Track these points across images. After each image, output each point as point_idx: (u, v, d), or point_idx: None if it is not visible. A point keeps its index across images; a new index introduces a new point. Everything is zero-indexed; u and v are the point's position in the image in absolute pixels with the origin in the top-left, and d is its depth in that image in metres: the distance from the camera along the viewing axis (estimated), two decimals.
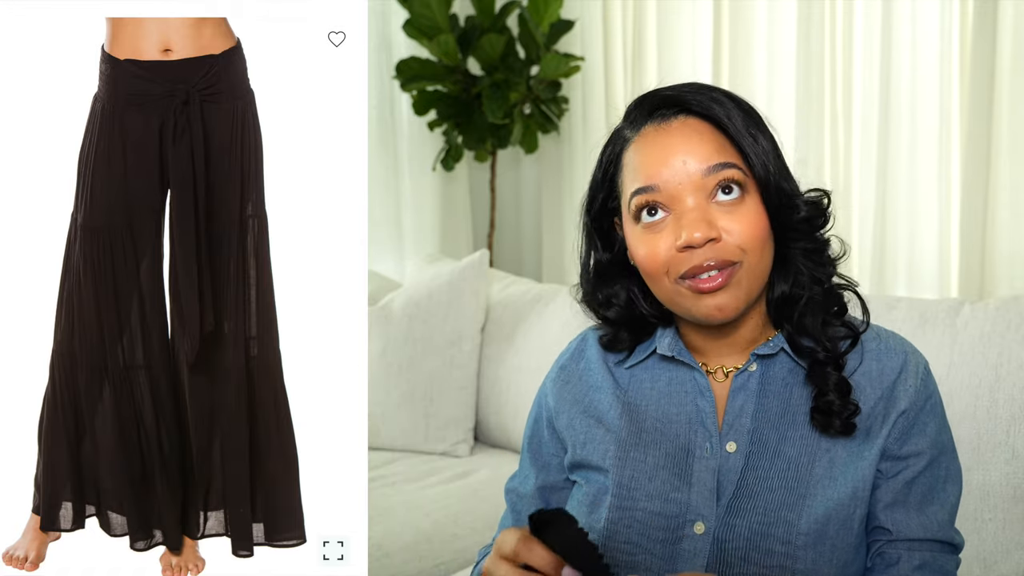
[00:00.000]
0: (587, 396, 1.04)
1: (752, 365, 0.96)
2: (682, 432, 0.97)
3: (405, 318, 2.22)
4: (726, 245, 0.89)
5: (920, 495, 0.94)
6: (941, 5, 2.14)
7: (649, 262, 0.92)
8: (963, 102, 2.14)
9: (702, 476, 0.94)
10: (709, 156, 0.90)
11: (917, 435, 0.94)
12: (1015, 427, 1.45)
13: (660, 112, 0.94)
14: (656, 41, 2.58)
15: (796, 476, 0.92)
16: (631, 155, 0.94)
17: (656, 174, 0.91)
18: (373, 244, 2.81)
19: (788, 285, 0.96)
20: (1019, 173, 2.07)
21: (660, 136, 0.93)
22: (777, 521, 0.90)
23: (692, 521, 0.92)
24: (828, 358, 0.93)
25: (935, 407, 0.96)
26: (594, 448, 1.00)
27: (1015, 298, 1.57)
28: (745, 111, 0.94)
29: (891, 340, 0.98)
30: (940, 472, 0.95)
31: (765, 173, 0.91)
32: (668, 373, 1.01)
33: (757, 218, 0.91)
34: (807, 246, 0.94)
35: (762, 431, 0.94)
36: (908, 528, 0.93)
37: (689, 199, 0.90)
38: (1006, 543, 1.46)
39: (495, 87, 2.48)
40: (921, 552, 0.93)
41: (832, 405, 0.91)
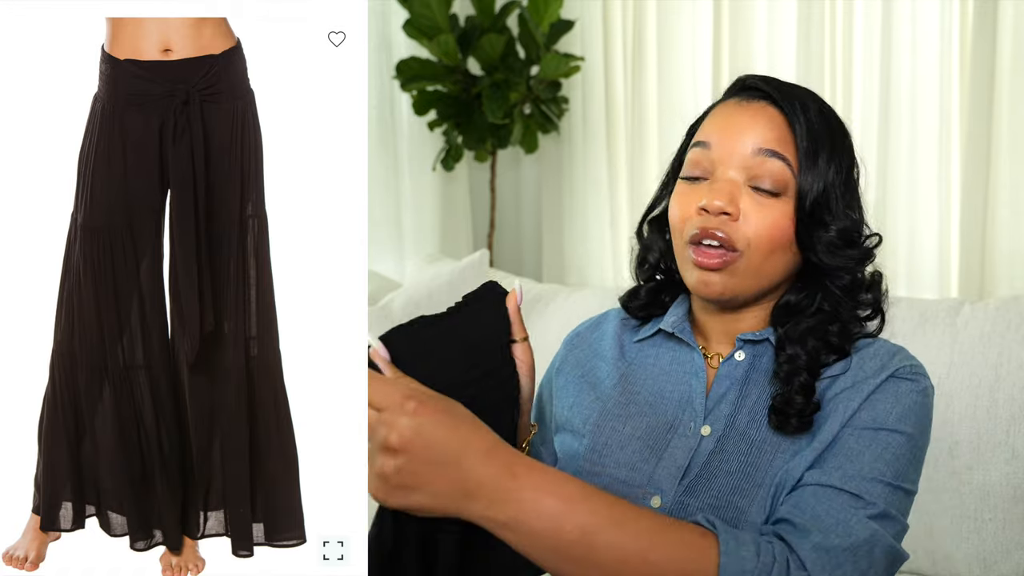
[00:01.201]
0: (590, 362, 1.08)
1: (739, 353, 0.98)
2: (670, 409, 0.98)
3: (405, 318, 2.22)
4: (737, 228, 0.92)
5: (836, 451, 0.88)
6: (941, 5, 2.14)
7: (674, 216, 0.97)
8: (963, 102, 2.14)
9: (674, 453, 0.94)
10: (767, 140, 0.94)
11: (867, 408, 0.90)
12: (1015, 427, 1.45)
13: (748, 92, 0.99)
14: (656, 41, 2.58)
15: (756, 463, 0.91)
16: (709, 116, 1.00)
17: (715, 135, 0.96)
18: (373, 244, 2.81)
19: (800, 297, 0.97)
20: (1019, 173, 2.07)
21: (736, 109, 0.97)
22: (727, 505, 0.90)
23: (651, 494, 0.93)
24: (808, 365, 0.93)
25: (900, 396, 0.91)
26: (579, 411, 1.03)
27: (1015, 298, 1.57)
28: (830, 128, 0.96)
29: (883, 346, 0.97)
30: (871, 443, 0.88)
31: (809, 189, 0.93)
32: (672, 352, 1.03)
33: (778, 222, 0.93)
34: (837, 283, 0.96)
35: (736, 417, 0.95)
36: (808, 476, 0.87)
37: (731, 172, 0.94)
38: (1006, 543, 1.46)
39: (495, 87, 2.48)
40: (804, 493, 0.85)
41: (793, 405, 0.90)
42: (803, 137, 0.94)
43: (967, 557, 1.49)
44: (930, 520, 1.51)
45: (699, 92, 2.51)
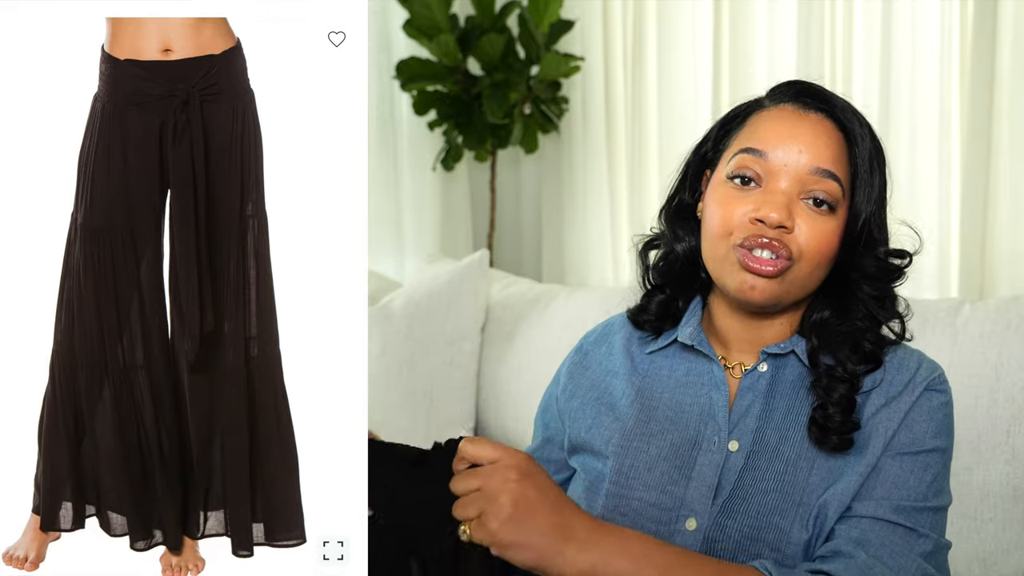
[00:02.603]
0: (603, 381, 1.05)
1: (762, 365, 0.97)
2: (692, 423, 0.97)
3: (405, 318, 2.22)
4: (792, 239, 0.91)
5: (883, 479, 0.90)
6: (941, 5, 2.14)
7: (718, 219, 0.94)
8: (963, 102, 2.14)
9: (703, 471, 0.93)
10: (825, 160, 0.93)
11: (904, 430, 0.91)
12: (1015, 427, 1.45)
13: (805, 100, 0.96)
14: (656, 41, 2.58)
15: (792, 481, 0.91)
16: (760, 119, 0.97)
17: (772, 144, 0.93)
18: (373, 244, 2.81)
19: (832, 313, 0.96)
20: (1019, 173, 2.07)
21: (794, 118, 0.95)
22: (768, 526, 0.89)
23: (685, 516, 0.92)
24: (845, 376, 0.92)
25: (932, 411, 0.93)
26: (599, 433, 1.01)
27: (1015, 298, 1.57)
28: (876, 147, 0.96)
29: (905, 353, 0.96)
30: (912, 467, 0.90)
31: (862, 207, 0.94)
32: (687, 363, 1.01)
33: (830, 238, 0.93)
34: (874, 293, 0.96)
35: (765, 431, 0.94)
36: (860, 507, 0.89)
37: (784, 182, 0.92)
38: (1006, 543, 1.46)
39: (495, 87, 2.47)
40: (862, 527, 0.88)
41: (832, 420, 0.90)
42: (863, 160, 0.94)
43: (967, 557, 1.49)
44: None
45: (699, 92, 2.50)
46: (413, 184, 2.83)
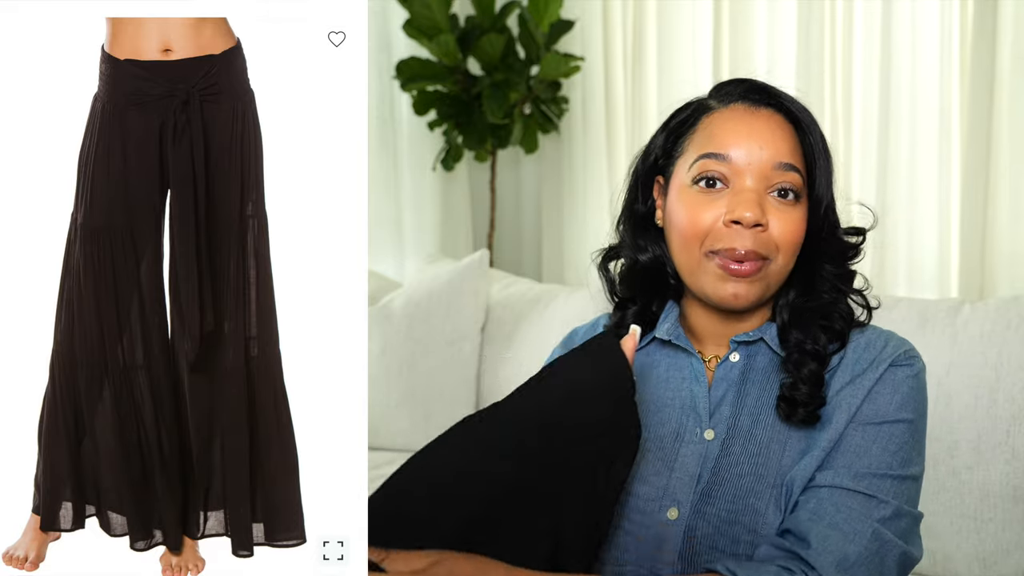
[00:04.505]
0: None
1: (733, 355, 0.98)
2: (674, 417, 0.98)
3: (405, 318, 2.22)
4: (768, 238, 0.93)
5: (844, 449, 0.90)
6: (941, 5, 2.14)
7: (689, 226, 0.95)
8: (963, 102, 2.14)
9: (685, 462, 0.95)
10: (784, 154, 0.94)
11: (868, 402, 0.92)
12: (1015, 427, 1.45)
13: (754, 97, 0.98)
14: (656, 41, 2.58)
15: (766, 463, 0.92)
16: (712, 122, 0.98)
17: (732, 146, 0.94)
18: (373, 244, 2.81)
19: (799, 293, 0.98)
20: (1019, 173, 2.07)
21: (748, 116, 0.96)
22: (745, 509, 0.90)
23: (667, 506, 0.93)
24: (815, 351, 0.94)
25: (897, 384, 0.93)
26: None
27: (1015, 298, 1.57)
28: (822, 136, 0.98)
29: (875, 334, 0.98)
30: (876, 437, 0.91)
31: (823, 193, 0.96)
32: (667, 359, 1.02)
33: (800, 226, 0.95)
34: (836, 271, 0.98)
35: (739, 417, 0.95)
36: (821, 477, 0.89)
37: (749, 180, 0.94)
38: (1006, 543, 1.46)
39: (495, 87, 2.47)
40: (819, 496, 0.88)
41: (799, 393, 0.92)
42: (817, 148, 0.96)
43: (967, 557, 1.49)
44: (930, 520, 1.51)
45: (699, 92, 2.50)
46: (413, 184, 2.83)
